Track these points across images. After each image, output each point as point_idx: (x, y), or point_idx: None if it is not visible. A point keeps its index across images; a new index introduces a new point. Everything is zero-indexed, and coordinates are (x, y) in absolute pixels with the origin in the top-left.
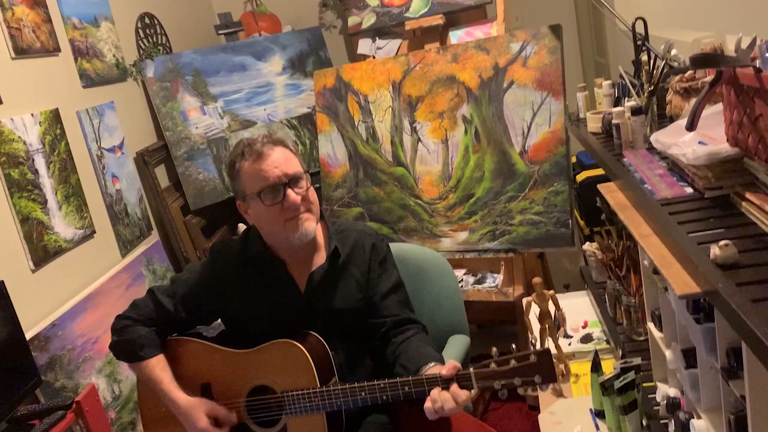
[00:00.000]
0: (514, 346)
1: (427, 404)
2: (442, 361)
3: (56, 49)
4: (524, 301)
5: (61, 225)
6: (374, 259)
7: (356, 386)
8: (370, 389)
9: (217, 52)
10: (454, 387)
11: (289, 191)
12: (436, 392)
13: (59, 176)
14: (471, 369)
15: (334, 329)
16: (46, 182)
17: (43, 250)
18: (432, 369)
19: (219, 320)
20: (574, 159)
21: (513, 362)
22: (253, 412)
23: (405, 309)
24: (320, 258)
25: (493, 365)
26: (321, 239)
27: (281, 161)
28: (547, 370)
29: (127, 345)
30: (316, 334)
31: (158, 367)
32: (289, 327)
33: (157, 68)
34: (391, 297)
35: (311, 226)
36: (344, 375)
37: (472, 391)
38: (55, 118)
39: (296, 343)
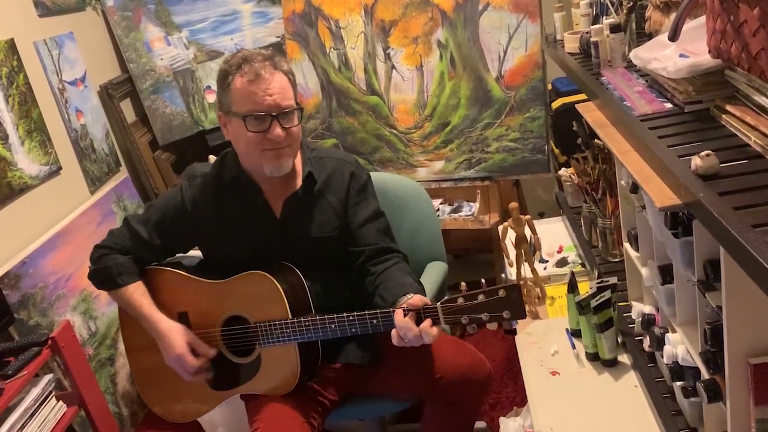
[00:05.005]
0: (483, 281)
1: (393, 331)
2: (422, 291)
3: None
4: (500, 226)
5: (25, 161)
6: (353, 187)
7: (326, 318)
8: (340, 321)
9: None
10: (426, 323)
11: (276, 124)
12: (399, 318)
13: (19, 110)
14: (438, 304)
15: (311, 257)
16: (6, 116)
17: (7, 187)
18: (407, 301)
19: (197, 248)
20: (549, 86)
21: (481, 297)
22: (228, 341)
23: (385, 238)
24: (296, 184)
25: (460, 300)
26: (298, 165)
27: (277, 90)
28: (515, 305)
29: (104, 273)
30: (291, 266)
31: (137, 293)
32: (265, 254)
33: None
34: (370, 226)
35: (287, 162)
36: (321, 305)
37: (440, 326)
38: (10, 48)
39: (268, 275)
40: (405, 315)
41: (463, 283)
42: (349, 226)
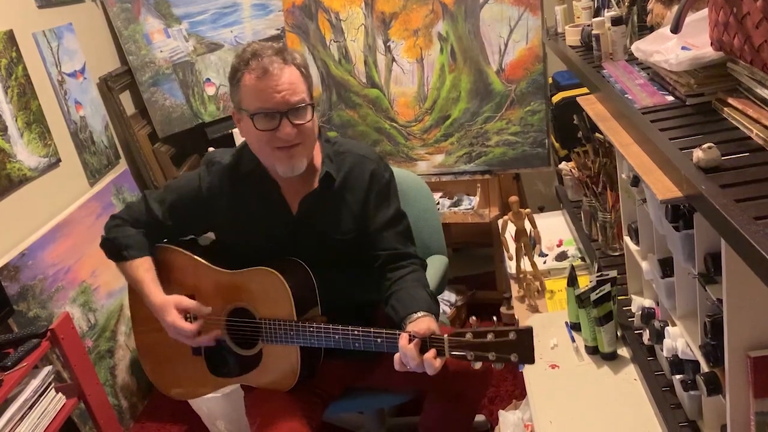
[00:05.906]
0: (495, 318)
1: (396, 355)
2: (432, 309)
3: None
4: (500, 220)
5: (24, 153)
6: (372, 188)
7: (330, 328)
8: (344, 334)
9: None
10: (430, 353)
11: (285, 122)
12: (404, 344)
13: (18, 102)
14: (445, 336)
15: (323, 256)
16: (5, 108)
17: (6, 179)
18: (416, 322)
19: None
20: (550, 80)
21: (490, 336)
22: (232, 331)
23: (404, 242)
24: (314, 182)
25: (468, 336)
26: (317, 160)
27: (286, 86)
28: (525, 350)
29: (113, 243)
30: (302, 263)
31: (142, 268)
32: (278, 249)
33: None
34: (389, 230)
35: (301, 162)
36: (330, 304)
37: (444, 358)
38: (9, 40)
39: (277, 273)
40: (410, 341)
41: (473, 317)
42: (368, 229)
